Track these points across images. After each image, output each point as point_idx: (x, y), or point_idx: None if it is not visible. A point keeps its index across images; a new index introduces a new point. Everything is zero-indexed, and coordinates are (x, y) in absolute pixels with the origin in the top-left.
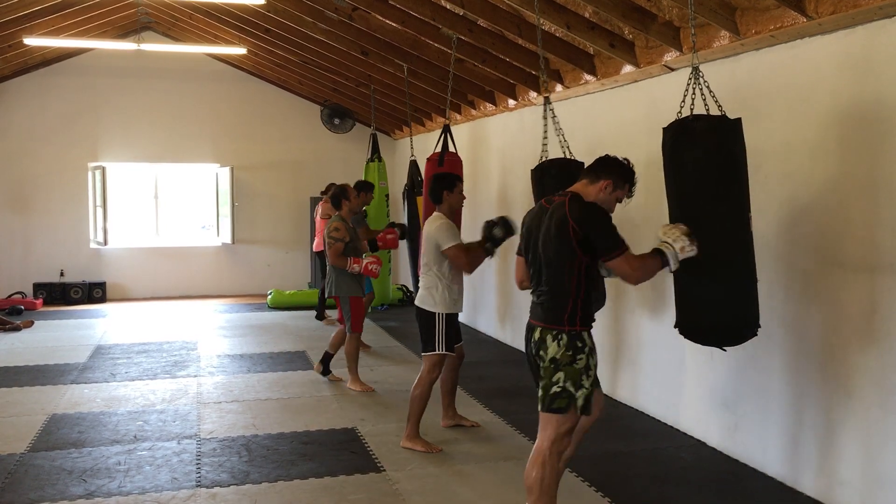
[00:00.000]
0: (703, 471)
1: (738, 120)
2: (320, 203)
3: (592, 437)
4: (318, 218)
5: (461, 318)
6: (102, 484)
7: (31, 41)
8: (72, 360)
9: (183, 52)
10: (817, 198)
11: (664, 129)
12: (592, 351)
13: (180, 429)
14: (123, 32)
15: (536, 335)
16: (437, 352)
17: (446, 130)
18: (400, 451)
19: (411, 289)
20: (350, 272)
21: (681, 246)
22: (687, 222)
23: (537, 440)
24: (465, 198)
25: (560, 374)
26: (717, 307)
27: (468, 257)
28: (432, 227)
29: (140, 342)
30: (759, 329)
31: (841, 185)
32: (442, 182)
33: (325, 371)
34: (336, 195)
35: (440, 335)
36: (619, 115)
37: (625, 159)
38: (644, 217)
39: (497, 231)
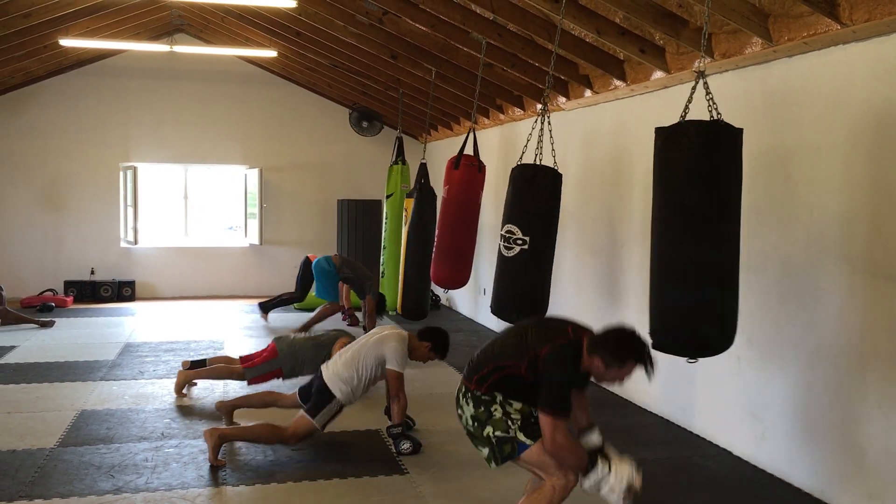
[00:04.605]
0: (729, 480)
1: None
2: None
3: (618, 445)
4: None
5: None
6: (130, 480)
7: (66, 42)
8: (101, 357)
9: (214, 54)
10: (848, 205)
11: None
12: (505, 402)
13: (206, 427)
14: (156, 34)
15: (456, 392)
16: (313, 421)
17: (469, 133)
18: (423, 454)
19: (437, 293)
20: None
21: (610, 487)
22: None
23: (549, 480)
24: (431, 358)
25: (489, 428)
26: (694, 317)
27: (402, 387)
28: (390, 342)
29: (168, 341)
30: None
31: (872, 194)
32: (436, 335)
33: None
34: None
35: (325, 414)
36: (648, 120)
37: (632, 334)
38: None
39: (404, 447)
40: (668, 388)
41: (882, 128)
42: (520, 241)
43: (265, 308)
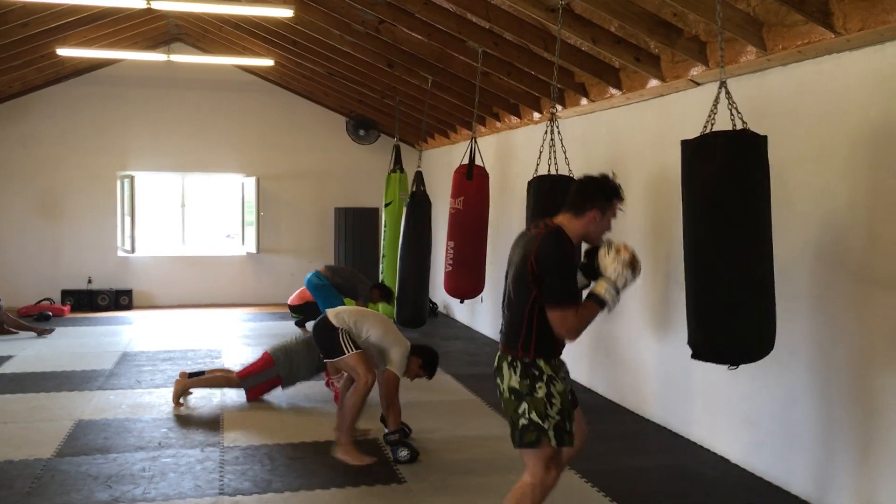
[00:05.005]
0: (726, 487)
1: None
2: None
3: (616, 452)
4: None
5: None
6: (127, 490)
7: (63, 52)
8: (98, 366)
9: (211, 63)
10: (845, 213)
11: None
12: (553, 379)
13: (204, 436)
14: (154, 44)
15: (496, 360)
16: (349, 353)
17: (471, 143)
18: (421, 463)
19: (434, 300)
20: None
21: (623, 282)
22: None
23: (524, 475)
24: (420, 376)
25: (524, 405)
26: (734, 324)
27: (397, 392)
28: (399, 348)
29: (165, 350)
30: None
31: (869, 201)
32: (428, 354)
33: None
34: None
35: (345, 341)
36: (643, 129)
37: (601, 175)
38: (667, 233)
39: (402, 455)
40: (665, 395)
41: (878, 136)
42: None
43: (300, 324)
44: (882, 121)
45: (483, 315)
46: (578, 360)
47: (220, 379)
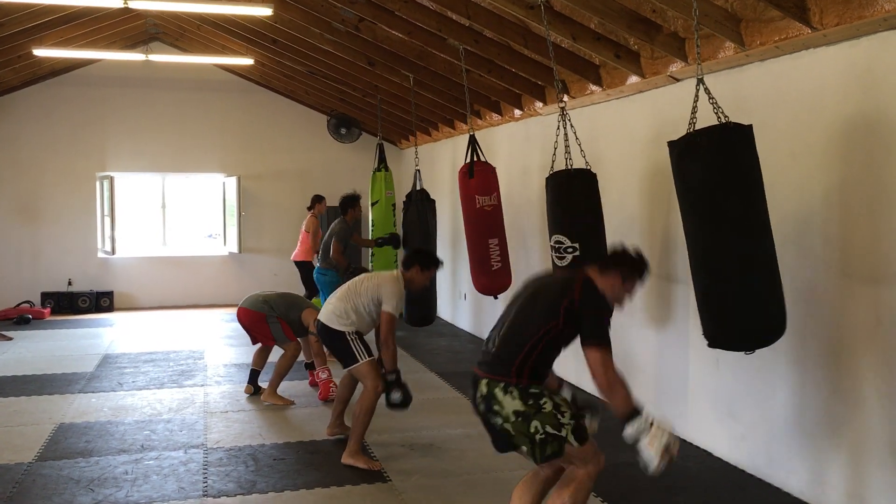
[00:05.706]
0: (711, 481)
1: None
2: (308, 217)
3: (600, 448)
4: (302, 230)
5: None
6: (110, 493)
7: (40, 52)
8: (79, 369)
9: (191, 62)
10: (822, 208)
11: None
12: (552, 393)
13: (187, 438)
14: (132, 43)
15: (483, 389)
16: (362, 361)
17: (472, 141)
18: (406, 462)
19: None
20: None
21: (649, 441)
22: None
23: (572, 467)
24: (428, 279)
25: (535, 423)
26: (747, 310)
27: (393, 332)
28: (387, 285)
29: (147, 351)
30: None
31: (846, 196)
32: (418, 256)
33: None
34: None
35: (357, 347)
36: (624, 125)
37: (637, 251)
38: (650, 229)
39: (395, 397)
40: (647, 389)
41: (854, 131)
42: (570, 249)
43: (307, 280)
44: (858, 115)
45: (465, 312)
46: (565, 357)
47: (284, 365)
